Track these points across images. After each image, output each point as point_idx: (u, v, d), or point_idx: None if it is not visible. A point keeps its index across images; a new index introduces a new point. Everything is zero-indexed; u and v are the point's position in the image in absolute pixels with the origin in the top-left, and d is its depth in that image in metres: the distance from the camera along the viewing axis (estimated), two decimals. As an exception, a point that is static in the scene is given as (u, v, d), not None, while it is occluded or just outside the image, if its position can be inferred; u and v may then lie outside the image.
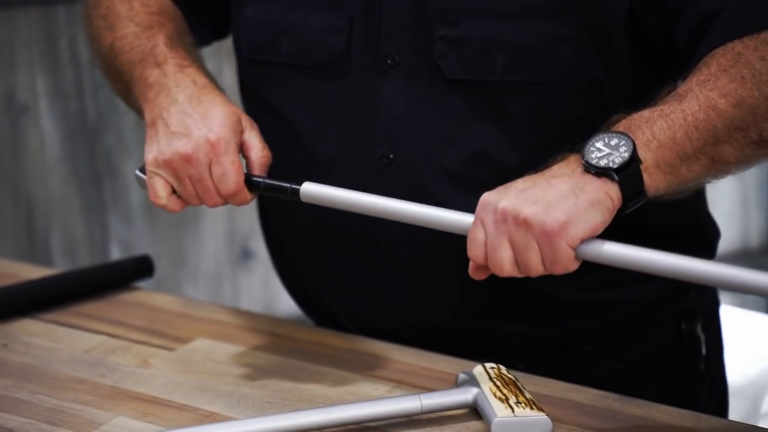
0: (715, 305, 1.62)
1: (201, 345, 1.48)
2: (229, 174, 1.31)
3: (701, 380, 1.59)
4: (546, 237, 1.17)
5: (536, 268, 1.19)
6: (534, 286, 1.43)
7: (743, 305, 2.84)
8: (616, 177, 1.20)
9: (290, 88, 1.51)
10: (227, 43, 1.64)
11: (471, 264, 1.23)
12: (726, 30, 1.31)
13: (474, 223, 1.21)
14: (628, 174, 1.20)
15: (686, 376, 1.58)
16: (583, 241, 1.18)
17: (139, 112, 1.43)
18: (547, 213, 1.17)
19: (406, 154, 1.41)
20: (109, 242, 2.70)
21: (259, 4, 1.50)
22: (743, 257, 3.08)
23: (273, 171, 1.47)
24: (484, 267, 1.22)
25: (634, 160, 1.20)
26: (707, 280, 1.17)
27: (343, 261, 1.52)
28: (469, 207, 1.24)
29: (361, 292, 1.52)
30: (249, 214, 2.74)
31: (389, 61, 1.43)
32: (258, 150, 1.35)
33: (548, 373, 1.40)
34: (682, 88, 1.28)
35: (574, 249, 1.18)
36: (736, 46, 1.29)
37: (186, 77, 1.39)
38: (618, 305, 1.51)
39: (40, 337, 1.52)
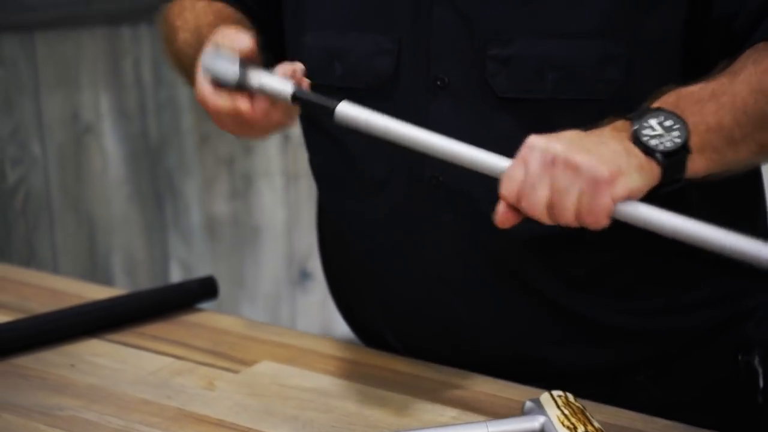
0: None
1: (265, 368, 1.48)
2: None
3: (758, 414, 1.56)
4: (594, 184, 1.16)
5: (568, 216, 1.17)
6: (584, 312, 1.44)
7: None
8: (662, 160, 1.19)
9: None
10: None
11: (500, 206, 1.21)
12: None
13: (516, 160, 1.20)
14: (674, 161, 1.20)
15: (742, 409, 1.55)
16: (624, 199, 1.17)
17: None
18: (600, 162, 1.16)
19: (455, 175, 1.40)
20: (169, 262, 2.72)
21: (317, 30, 1.52)
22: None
23: (334, 192, 1.49)
24: (513, 210, 1.20)
25: (684, 148, 1.20)
26: (744, 255, 1.13)
27: (392, 281, 1.52)
28: (519, 226, 1.23)
29: (409, 313, 1.53)
30: (308, 235, 2.75)
31: (438, 82, 1.44)
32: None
33: (600, 402, 1.39)
34: (736, 65, 1.28)
35: (614, 204, 1.16)
36: None
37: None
38: (672, 334, 1.50)
39: (107, 357, 1.53)
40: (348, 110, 1.29)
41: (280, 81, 1.30)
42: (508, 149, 1.32)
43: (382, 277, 1.53)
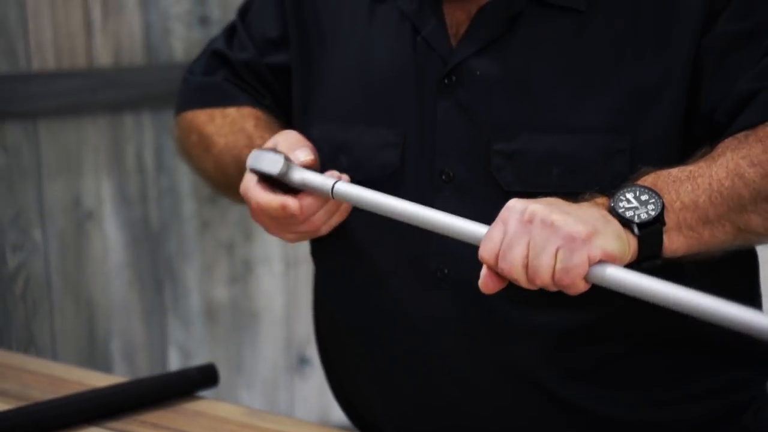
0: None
1: (265, 457, 1.49)
2: None
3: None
4: (570, 241, 1.17)
5: (544, 275, 1.18)
6: (588, 404, 1.44)
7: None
8: (637, 231, 1.21)
9: None
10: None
11: (482, 271, 1.22)
12: (760, 112, 1.33)
13: (495, 222, 1.22)
14: (649, 231, 1.21)
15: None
16: (600, 261, 1.18)
17: None
18: (577, 222, 1.18)
19: (461, 268, 1.42)
20: (167, 347, 2.71)
21: (323, 123, 1.54)
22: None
23: (337, 282, 1.50)
24: (495, 274, 1.22)
25: (658, 220, 1.22)
26: (723, 319, 1.12)
27: (393, 372, 1.52)
28: (524, 319, 1.23)
29: (410, 405, 1.52)
30: (307, 321, 2.74)
31: (443, 176, 1.45)
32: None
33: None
34: (715, 152, 1.30)
35: (590, 266, 1.17)
36: None
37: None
38: (673, 425, 1.49)
39: (108, 445, 1.53)
40: (345, 187, 1.35)
41: (323, 176, 1.36)
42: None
43: (383, 367, 1.53)
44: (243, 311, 2.74)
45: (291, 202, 1.39)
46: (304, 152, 1.41)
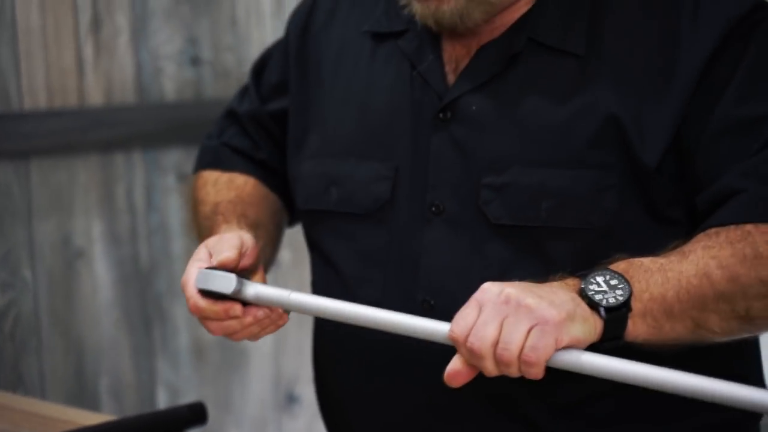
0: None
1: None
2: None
3: None
4: (544, 323, 1.20)
5: (513, 351, 1.20)
6: (558, 427, 1.44)
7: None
8: (604, 315, 1.24)
9: (338, 234, 1.55)
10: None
11: (451, 366, 1.25)
12: (743, 211, 1.34)
13: (469, 303, 1.25)
14: (615, 316, 1.24)
15: None
16: (565, 347, 1.21)
17: None
18: (551, 306, 1.21)
19: (448, 300, 1.43)
20: (156, 386, 2.71)
21: (315, 158, 1.56)
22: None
23: (327, 330, 1.51)
24: (465, 367, 1.24)
25: (625, 305, 1.24)
26: (681, 390, 1.17)
27: (382, 404, 1.53)
28: None
29: None
30: (295, 359, 2.75)
31: (433, 209, 1.47)
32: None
33: None
34: (687, 246, 1.33)
35: (557, 349, 1.20)
36: (747, 226, 1.33)
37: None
38: None
39: (95, 481, 1.52)
40: (300, 298, 1.37)
41: (278, 289, 1.39)
42: (500, 275, 1.34)
43: (373, 398, 1.53)
44: (231, 350, 2.74)
45: (237, 311, 1.41)
46: (228, 253, 1.42)
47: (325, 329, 1.61)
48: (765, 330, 1.38)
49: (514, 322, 1.21)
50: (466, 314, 1.24)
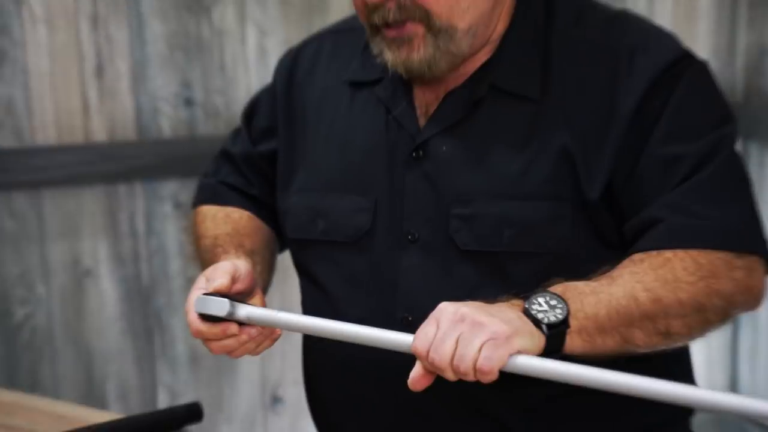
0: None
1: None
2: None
3: None
4: (494, 339, 1.20)
5: (468, 364, 1.20)
6: (526, 427, 1.43)
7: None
8: (545, 331, 1.24)
9: (325, 260, 1.54)
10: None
11: (413, 373, 1.25)
12: (663, 239, 1.35)
13: (428, 321, 1.24)
14: (555, 332, 1.24)
15: None
16: (513, 355, 1.21)
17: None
18: (501, 322, 1.21)
19: (423, 316, 1.42)
20: (157, 388, 2.69)
21: (302, 192, 1.55)
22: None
23: (317, 339, 1.50)
24: (426, 372, 1.24)
25: (564, 323, 1.25)
26: (616, 388, 1.18)
27: (369, 409, 1.52)
28: None
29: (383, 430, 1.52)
30: (279, 365, 2.73)
31: (409, 237, 1.46)
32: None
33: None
34: (616, 272, 1.33)
35: (505, 360, 1.20)
36: (667, 253, 1.33)
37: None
38: None
39: (107, 476, 1.51)
40: (287, 317, 1.36)
41: (267, 310, 1.38)
42: (468, 294, 1.34)
43: (359, 404, 1.52)
44: (223, 357, 2.71)
45: (233, 329, 1.40)
46: (223, 279, 1.40)
47: (314, 339, 1.60)
48: (681, 344, 1.39)
49: (469, 338, 1.21)
50: (426, 331, 1.24)
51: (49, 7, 2.49)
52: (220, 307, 1.36)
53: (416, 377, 1.25)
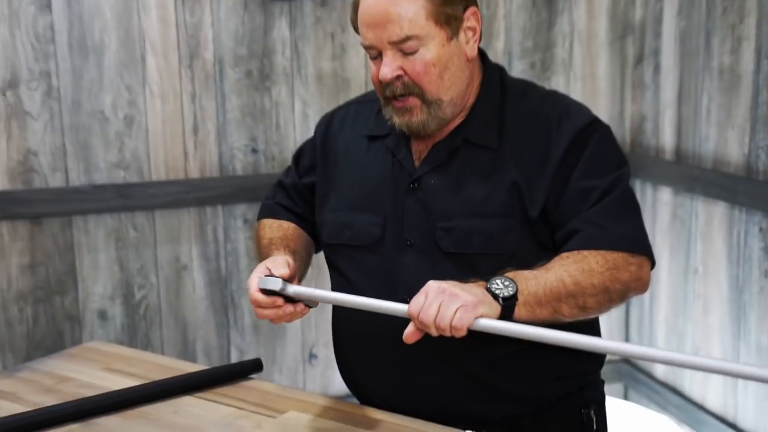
0: (603, 397, 1.57)
1: (292, 416, 1.45)
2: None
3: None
4: (465, 305, 1.19)
5: (446, 323, 1.19)
6: (495, 382, 1.40)
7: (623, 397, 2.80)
8: (501, 302, 1.23)
9: (349, 259, 1.51)
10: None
11: (408, 330, 1.23)
12: (582, 243, 1.33)
13: (420, 293, 1.23)
14: (508, 303, 1.23)
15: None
16: (478, 318, 1.20)
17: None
18: (470, 295, 1.20)
19: None
20: (230, 348, 2.66)
21: (334, 211, 1.53)
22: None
23: (340, 308, 1.46)
24: (416, 331, 1.22)
25: (514, 296, 1.24)
26: (553, 341, 1.17)
27: (379, 362, 1.48)
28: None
29: (387, 384, 1.48)
30: (314, 331, 2.70)
31: (408, 242, 1.43)
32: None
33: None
34: (549, 264, 1.32)
35: (474, 319, 1.19)
36: (584, 252, 1.32)
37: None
38: (544, 396, 1.46)
39: (196, 408, 1.48)
40: (321, 293, 1.34)
41: (308, 289, 1.35)
42: None
43: (371, 359, 1.49)
44: (276, 326, 2.69)
45: (280, 302, 1.35)
46: (282, 269, 1.36)
47: (339, 313, 1.57)
48: (593, 316, 1.37)
49: (447, 304, 1.19)
50: (418, 299, 1.22)
51: (163, 88, 2.48)
52: (276, 284, 1.33)
53: (409, 333, 1.23)
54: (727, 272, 2.47)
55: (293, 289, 1.34)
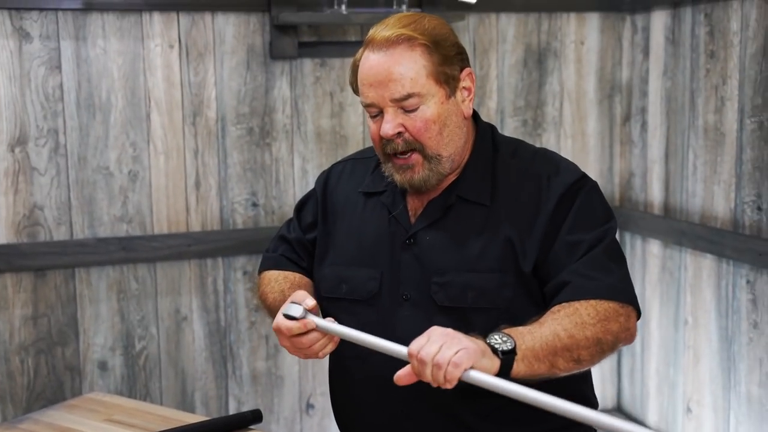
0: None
1: (291, 466, 1.43)
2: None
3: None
4: (466, 349, 1.19)
5: (444, 361, 1.19)
6: (482, 426, 1.39)
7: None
8: (501, 356, 1.22)
9: (347, 312, 1.51)
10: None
11: (403, 369, 1.22)
12: (571, 295, 1.34)
13: (423, 335, 1.23)
14: (507, 358, 1.23)
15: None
16: (474, 368, 1.20)
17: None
18: (471, 342, 1.21)
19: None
20: (228, 398, 2.64)
21: (333, 265, 1.53)
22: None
23: (336, 358, 1.45)
24: (410, 373, 1.22)
25: (513, 352, 1.23)
26: (538, 403, 1.15)
27: (374, 410, 1.48)
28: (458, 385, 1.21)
29: (382, 429, 1.47)
30: (311, 382, 2.69)
31: (404, 296, 1.44)
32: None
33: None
34: (542, 318, 1.31)
35: (471, 369, 1.19)
36: (575, 304, 1.32)
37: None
38: None
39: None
40: (332, 326, 1.35)
41: (327, 320, 1.36)
42: None
43: (365, 408, 1.49)
44: (273, 376, 2.68)
45: (295, 327, 1.37)
46: (310, 301, 1.38)
47: (335, 364, 1.57)
48: (586, 368, 1.36)
49: (450, 345, 1.20)
50: (419, 340, 1.23)
51: (167, 144, 2.51)
52: (297, 310, 1.35)
53: (402, 374, 1.23)
54: (716, 323, 2.47)
55: (310, 317, 1.35)
